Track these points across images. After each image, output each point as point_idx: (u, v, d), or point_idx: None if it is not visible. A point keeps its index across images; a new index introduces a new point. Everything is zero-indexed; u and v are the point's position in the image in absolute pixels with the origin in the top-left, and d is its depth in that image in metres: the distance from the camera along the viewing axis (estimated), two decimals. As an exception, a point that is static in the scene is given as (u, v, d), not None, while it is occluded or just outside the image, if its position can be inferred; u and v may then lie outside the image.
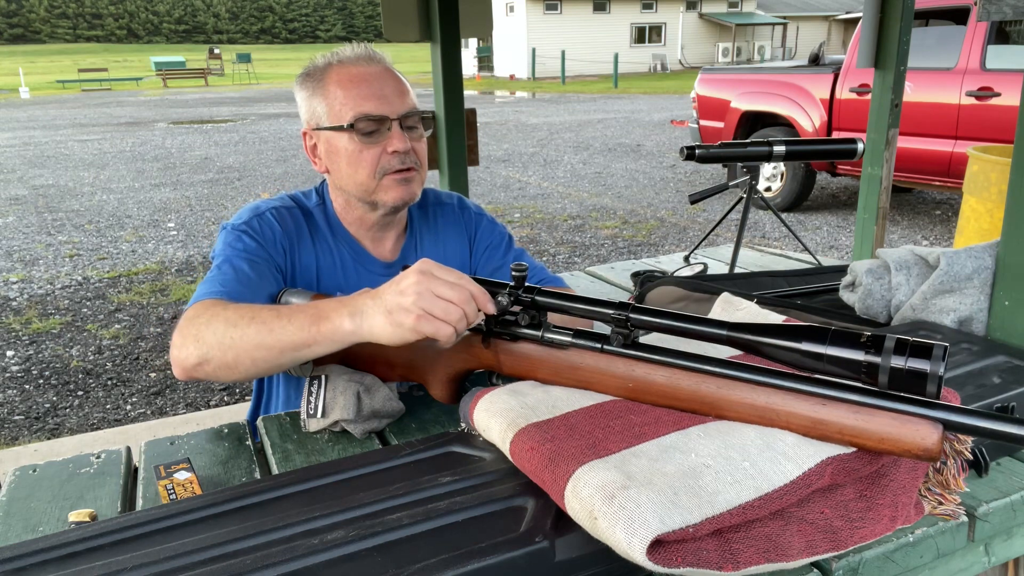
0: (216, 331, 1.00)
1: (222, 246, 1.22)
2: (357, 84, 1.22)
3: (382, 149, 1.22)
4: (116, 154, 11.45)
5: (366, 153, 1.22)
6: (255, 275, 1.17)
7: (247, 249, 1.21)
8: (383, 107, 1.22)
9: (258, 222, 1.25)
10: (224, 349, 1.00)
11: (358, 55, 1.26)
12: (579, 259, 5.62)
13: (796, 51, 32.94)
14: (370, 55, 1.26)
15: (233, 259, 1.18)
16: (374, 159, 1.23)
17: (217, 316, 1.02)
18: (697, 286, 1.59)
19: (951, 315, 1.27)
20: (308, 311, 0.96)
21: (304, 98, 1.28)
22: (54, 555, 0.71)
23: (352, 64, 1.24)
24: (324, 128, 1.24)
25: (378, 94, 1.22)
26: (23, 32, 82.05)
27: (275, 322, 0.97)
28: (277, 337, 0.96)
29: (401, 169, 1.24)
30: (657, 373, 0.84)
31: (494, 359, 0.96)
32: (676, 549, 0.64)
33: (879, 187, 2.62)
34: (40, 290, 5.10)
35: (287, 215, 1.29)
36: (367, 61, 1.25)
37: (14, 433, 3.19)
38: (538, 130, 13.56)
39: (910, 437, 0.71)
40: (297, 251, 1.28)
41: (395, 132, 1.22)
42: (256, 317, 0.99)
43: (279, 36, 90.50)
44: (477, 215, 1.46)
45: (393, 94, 1.24)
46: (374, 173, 1.23)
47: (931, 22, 6.06)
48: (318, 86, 1.25)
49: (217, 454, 1.06)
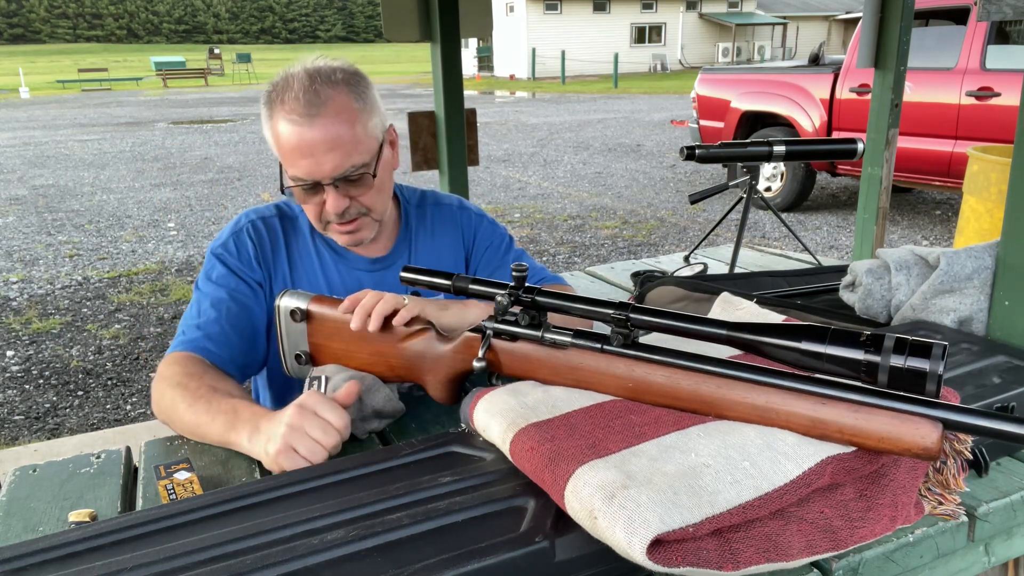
0: (167, 405, 1.11)
1: (203, 274, 1.28)
2: (294, 143, 1.14)
3: (321, 205, 1.20)
4: (116, 154, 11.45)
5: (308, 204, 1.22)
6: (232, 304, 1.24)
7: (219, 279, 1.25)
8: (314, 171, 1.16)
9: (234, 242, 1.28)
10: (170, 420, 1.11)
11: (301, 106, 1.13)
12: (579, 259, 5.62)
13: (796, 51, 32.94)
14: (309, 110, 1.13)
15: (210, 291, 1.24)
16: (316, 210, 1.22)
17: (171, 390, 1.10)
18: (697, 286, 1.59)
19: (951, 315, 1.27)
20: (229, 416, 1.03)
21: (263, 121, 1.22)
22: (54, 555, 0.71)
23: (291, 113, 1.14)
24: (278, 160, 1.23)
25: (310, 158, 1.14)
26: (23, 32, 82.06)
27: (205, 417, 1.05)
28: (204, 432, 1.05)
29: (343, 222, 1.23)
30: (657, 373, 0.84)
31: (494, 359, 0.96)
32: (676, 549, 0.65)
33: (879, 187, 2.62)
34: (40, 290, 5.10)
35: (262, 227, 1.30)
36: (306, 117, 1.13)
37: (14, 433, 3.19)
38: (538, 130, 13.56)
39: (910, 436, 0.71)
40: (273, 262, 1.30)
41: (329, 194, 1.18)
42: (194, 407, 1.06)
43: (279, 36, 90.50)
44: (477, 217, 1.45)
45: (327, 157, 1.15)
46: (319, 220, 1.24)
47: (931, 22, 6.05)
48: (268, 120, 1.19)
49: (217, 454, 1.06)
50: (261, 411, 1.02)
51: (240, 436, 1.00)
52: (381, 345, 1.07)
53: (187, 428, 1.08)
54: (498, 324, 0.95)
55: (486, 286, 0.96)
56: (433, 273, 1.02)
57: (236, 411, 1.03)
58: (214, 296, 1.23)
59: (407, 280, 1.03)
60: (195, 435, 1.07)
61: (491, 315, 0.96)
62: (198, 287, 1.27)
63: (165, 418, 1.12)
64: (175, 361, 1.16)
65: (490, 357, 0.96)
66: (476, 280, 0.97)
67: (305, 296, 1.13)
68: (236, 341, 1.22)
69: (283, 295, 1.14)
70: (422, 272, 1.03)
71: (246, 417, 1.01)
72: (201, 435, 1.06)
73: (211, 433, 1.04)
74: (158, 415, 1.14)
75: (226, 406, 1.04)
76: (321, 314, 1.11)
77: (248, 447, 0.99)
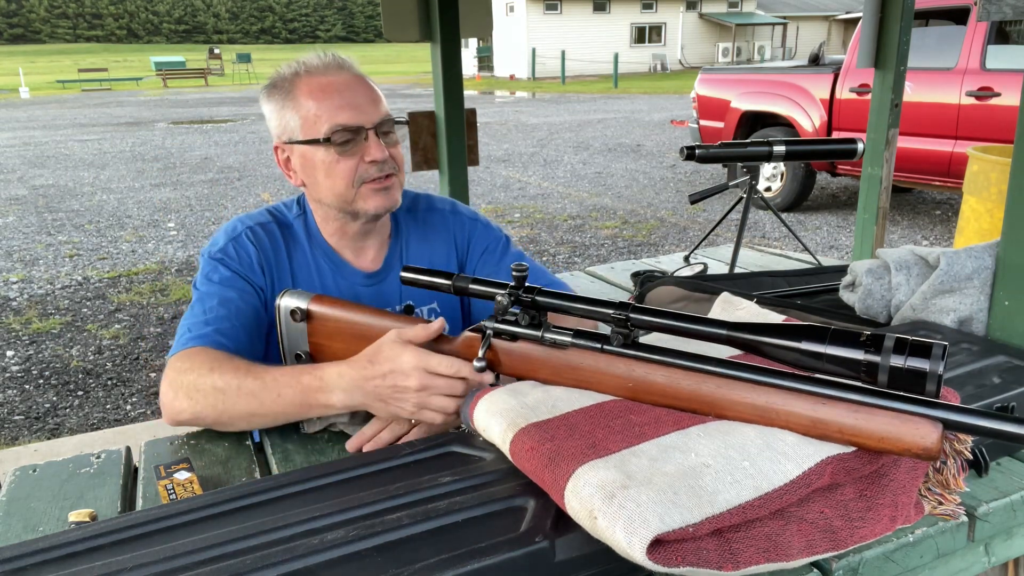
0: (207, 396, 1.05)
1: (201, 277, 1.24)
2: (329, 94, 1.19)
3: (359, 159, 1.20)
4: (116, 154, 11.45)
5: (343, 164, 1.20)
6: (242, 303, 1.21)
7: (223, 280, 1.22)
8: (358, 117, 1.19)
9: (234, 247, 1.25)
10: (218, 412, 1.05)
11: (327, 64, 1.22)
12: (579, 259, 5.62)
13: (796, 51, 32.93)
14: (339, 63, 1.23)
15: (216, 291, 1.21)
16: (351, 169, 1.20)
17: (204, 379, 1.05)
18: (697, 286, 1.59)
19: (951, 315, 1.27)
20: (294, 385, 1.01)
21: (273, 111, 1.24)
22: (54, 555, 0.71)
23: (321, 74, 1.21)
24: (297, 142, 1.22)
25: (351, 103, 1.19)
26: (23, 32, 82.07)
27: (264, 394, 1.02)
28: (269, 409, 1.03)
29: (379, 177, 1.22)
30: (657, 373, 0.84)
31: (494, 359, 0.96)
32: (676, 548, 0.65)
33: (879, 187, 2.62)
34: (40, 290, 5.10)
35: (262, 233, 1.28)
36: (336, 70, 1.22)
37: (14, 433, 3.19)
38: (538, 130, 13.56)
39: (910, 436, 0.71)
40: (275, 269, 1.28)
41: (372, 141, 1.20)
42: (243, 387, 1.03)
43: (279, 36, 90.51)
44: (471, 220, 1.43)
45: (367, 102, 1.21)
46: (352, 183, 1.21)
47: (931, 22, 6.05)
48: (287, 98, 1.21)
49: (217, 454, 1.06)
50: (328, 365, 1.01)
51: (330, 396, 0.99)
52: None
53: (243, 413, 1.04)
54: (498, 324, 0.95)
55: (486, 286, 0.96)
56: (433, 273, 1.02)
57: (297, 379, 1.01)
58: (222, 295, 1.20)
59: (407, 280, 1.03)
60: (255, 417, 1.04)
61: (491, 315, 0.96)
62: (198, 288, 1.23)
63: (203, 411, 1.06)
64: (190, 356, 1.10)
65: (490, 357, 0.96)
66: (476, 280, 0.98)
67: (305, 296, 1.13)
68: (245, 341, 1.19)
69: (284, 295, 1.14)
70: (422, 272, 1.03)
71: (321, 375, 1.00)
72: (264, 414, 1.03)
73: (280, 409, 1.01)
74: (186, 411, 1.07)
75: (281, 379, 1.02)
76: (322, 314, 1.11)
77: (345, 402, 0.99)
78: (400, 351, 0.96)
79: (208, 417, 1.06)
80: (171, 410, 1.09)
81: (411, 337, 0.98)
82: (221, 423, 1.07)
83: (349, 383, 0.98)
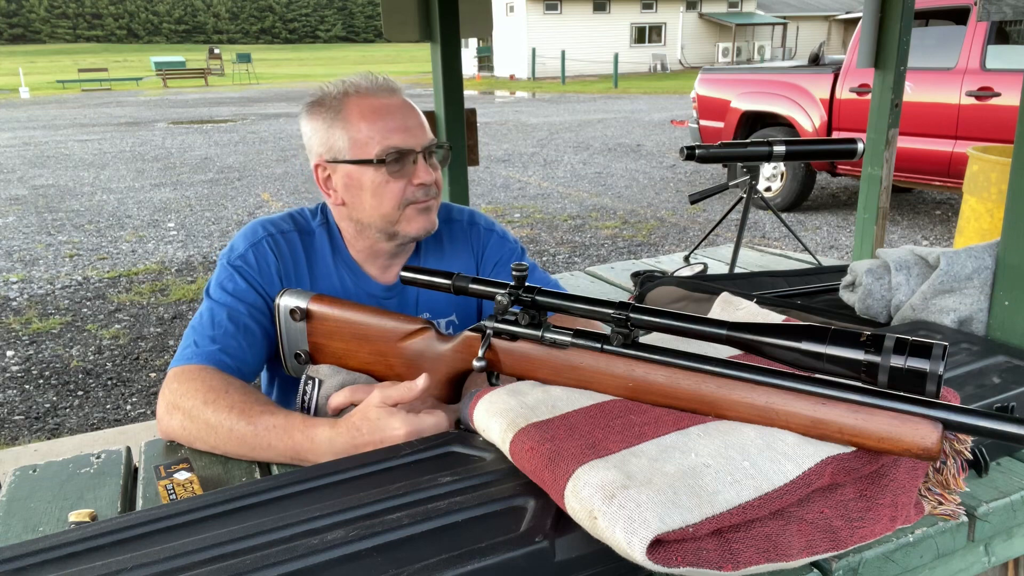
0: (200, 430, 1.06)
1: (216, 283, 1.22)
2: (383, 116, 1.20)
3: (407, 181, 1.21)
4: (116, 154, 11.45)
5: (392, 185, 1.20)
6: (250, 321, 1.20)
7: (238, 291, 1.21)
8: (410, 140, 1.21)
9: (254, 254, 1.24)
10: (209, 446, 1.06)
11: (378, 86, 1.24)
12: (579, 259, 5.62)
13: (796, 51, 32.92)
14: (391, 86, 1.25)
15: (228, 302, 1.19)
16: (400, 191, 1.21)
17: (199, 411, 1.05)
18: (697, 286, 1.59)
19: (951, 315, 1.27)
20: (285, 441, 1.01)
21: (318, 129, 1.23)
22: (54, 555, 0.71)
23: (373, 96, 1.22)
24: (345, 161, 1.21)
25: (403, 127, 1.21)
26: (23, 32, 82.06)
27: (254, 441, 1.02)
28: (259, 455, 1.04)
29: (424, 200, 1.23)
30: (657, 373, 0.84)
31: (494, 359, 0.96)
32: (676, 549, 0.65)
33: (879, 187, 2.62)
34: (40, 290, 5.10)
35: (283, 242, 1.27)
36: (388, 93, 1.23)
37: (14, 433, 3.19)
38: (538, 130, 13.56)
39: (910, 436, 0.71)
40: (294, 279, 1.27)
41: (421, 165, 1.22)
42: (234, 431, 1.03)
43: (279, 36, 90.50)
44: (486, 231, 1.42)
45: (416, 126, 1.23)
46: (399, 204, 1.22)
47: (931, 22, 6.05)
48: (336, 117, 1.21)
49: (217, 454, 1.06)
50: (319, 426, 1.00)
51: (319, 458, 0.98)
52: (381, 345, 1.07)
53: (233, 450, 1.04)
54: (498, 323, 0.95)
55: (486, 285, 0.96)
56: (433, 272, 1.02)
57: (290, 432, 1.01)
58: (233, 308, 1.19)
59: (407, 280, 1.03)
60: (245, 455, 1.04)
61: (492, 314, 0.96)
62: (211, 296, 1.21)
63: (195, 438, 1.06)
64: (190, 378, 1.10)
65: (490, 357, 0.96)
66: (476, 280, 0.98)
67: (305, 295, 1.13)
68: (250, 359, 1.19)
69: (283, 294, 1.14)
70: (422, 271, 1.03)
71: (312, 437, 0.99)
72: (255, 456, 1.03)
73: (272, 456, 1.02)
74: (179, 433, 1.08)
75: (276, 427, 1.02)
76: (321, 313, 1.11)
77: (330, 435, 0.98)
78: (388, 420, 0.95)
79: (200, 446, 1.07)
80: (166, 427, 1.10)
81: (396, 399, 0.98)
82: (212, 451, 1.07)
83: (341, 449, 0.97)
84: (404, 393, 0.98)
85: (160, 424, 1.10)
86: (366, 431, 0.96)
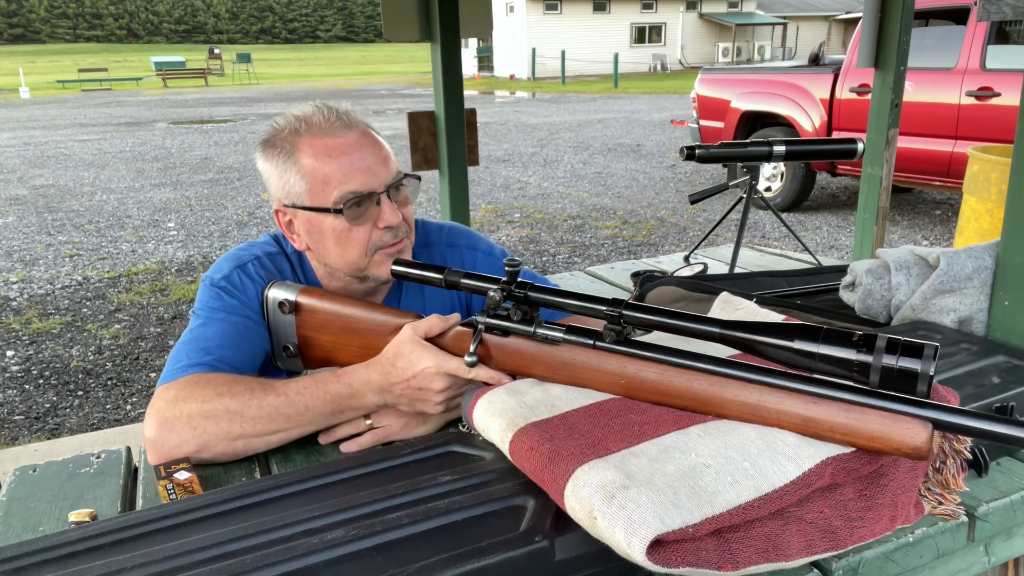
0: (218, 422, 0.97)
1: (201, 304, 1.15)
2: (337, 157, 1.09)
3: (372, 225, 1.12)
4: (116, 154, 11.45)
5: (356, 232, 1.12)
6: (245, 331, 1.12)
7: (228, 307, 1.13)
8: (370, 181, 1.10)
9: (239, 276, 1.16)
10: (232, 437, 0.98)
11: (330, 122, 1.12)
12: (579, 259, 5.62)
13: (796, 51, 32.92)
14: (344, 120, 1.13)
15: (220, 316, 1.12)
16: (364, 237, 1.12)
17: (212, 404, 0.98)
18: (697, 286, 1.59)
19: (951, 315, 1.27)
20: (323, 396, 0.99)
21: (272, 171, 1.14)
22: (54, 555, 0.71)
23: (326, 134, 1.11)
24: (303, 207, 1.13)
25: (362, 167, 1.10)
26: (23, 32, 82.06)
27: (290, 409, 0.99)
28: (296, 423, 1.00)
29: (394, 243, 1.15)
30: (649, 370, 0.84)
31: (486, 354, 0.96)
32: (676, 549, 0.65)
33: (879, 187, 2.62)
34: (40, 290, 5.10)
35: (269, 263, 1.20)
36: (343, 129, 1.12)
37: (14, 433, 3.19)
38: (538, 130, 13.56)
39: (900, 436, 0.71)
40: None
41: (385, 205, 1.12)
42: (264, 406, 0.98)
43: (279, 36, 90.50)
44: (469, 252, 1.33)
45: (377, 163, 1.12)
46: (365, 252, 1.14)
47: (931, 22, 6.05)
48: (288, 160, 1.12)
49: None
50: (350, 371, 1.00)
51: (364, 399, 0.98)
52: (371, 338, 1.06)
53: (265, 432, 0.98)
54: (490, 319, 0.94)
55: (479, 280, 0.96)
56: (424, 267, 1.01)
57: (324, 386, 0.99)
58: (224, 321, 1.12)
59: (397, 274, 1.02)
60: (280, 434, 0.99)
61: (483, 310, 0.96)
62: (198, 315, 1.14)
63: (211, 440, 0.97)
64: (187, 384, 1.01)
65: (481, 352, 0.96)
66: (468, 274, 0.97)
67: (294, 287, 1.12)
68: (245, 370, 1.11)
69: (271, 286, 1.13)
70: (413, 265, 1.02)
71: (349, 382, 0.99)
72: (297, 434, 1.00)
73: (316, 424, 1.00)
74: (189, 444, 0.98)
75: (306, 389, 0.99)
76: (310, 306, 1.10)
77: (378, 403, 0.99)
78: (420, 355, 0.96)
79: (217, 445, 0.98)
80: (165, 445, 0.98)
81: (427, 331, 0.98)
82: (232, 451, 1.00)
83: (377, 386, 0.98)
84: (435, 324, 0.98)
85: (155, 447, 0.99)
86: (400, 366, 0.96)
